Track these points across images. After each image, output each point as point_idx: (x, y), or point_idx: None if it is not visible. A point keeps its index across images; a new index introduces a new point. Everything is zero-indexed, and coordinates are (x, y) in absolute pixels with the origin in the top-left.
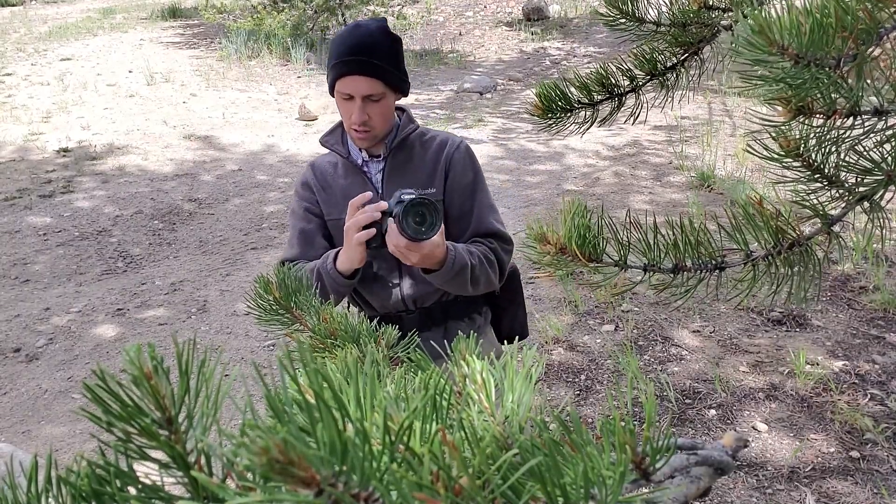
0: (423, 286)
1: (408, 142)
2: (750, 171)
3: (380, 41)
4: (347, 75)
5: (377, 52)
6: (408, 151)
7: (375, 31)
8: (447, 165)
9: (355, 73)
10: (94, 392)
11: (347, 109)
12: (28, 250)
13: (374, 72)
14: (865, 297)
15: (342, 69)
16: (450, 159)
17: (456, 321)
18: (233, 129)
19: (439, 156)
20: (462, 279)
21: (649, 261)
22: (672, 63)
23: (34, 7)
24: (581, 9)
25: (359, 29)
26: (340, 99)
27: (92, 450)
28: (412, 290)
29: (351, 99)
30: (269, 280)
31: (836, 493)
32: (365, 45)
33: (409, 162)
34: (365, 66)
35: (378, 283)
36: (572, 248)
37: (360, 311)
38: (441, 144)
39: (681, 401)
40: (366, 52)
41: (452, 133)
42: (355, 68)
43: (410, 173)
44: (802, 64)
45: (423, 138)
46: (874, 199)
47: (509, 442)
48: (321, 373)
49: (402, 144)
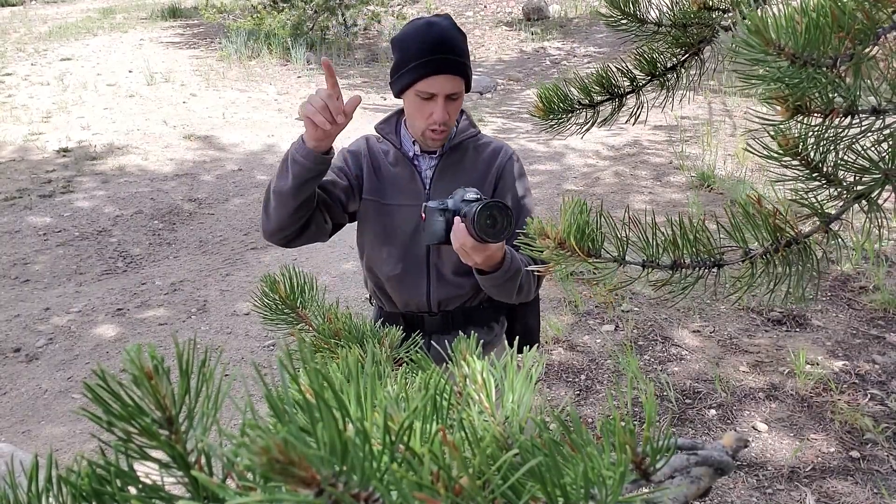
0: (450, 289)
1: (463, 144)
2: (750, 171)
3: (458, 38)
4: (433, 74)
5: (458, 49)
6: (462, 153)
7: (451, 28)
8: (498, 173)
9: (443, 72)
10: (94, 392)
11: (427, 109)
12: (28, 250)
13: (459, 70)
14: (865, 297)
15: (427, 68)
16: (502, 168)
17: (475, 327)
18: (233, 129)
19: (492, 163)
20: (512, 284)
21: (648, 257)
22: (672, 64)
23: (34, 7)
24: (581, 9)
25: (434, 27)
26: (418, 99)
27: (92, 450)
28: (439, 292)
29: (432, 98)
30: (275, 279)
31: (836, 493)
32: (447, 42)
33: (461, 163)
34: (451, 64)
35: (405, 281)
36: (571, 243)
37: (381, 308)
38: (494, 152)
39: (681, 401)
40: (450, 50)
41: (505, 142)
42: (443, 67)
43: (462, 175)
44: (799, 63)
45: (477, 142)
46: (871, 198)
47: (509, 442)
48: (322, 373)
49: (457, 146)
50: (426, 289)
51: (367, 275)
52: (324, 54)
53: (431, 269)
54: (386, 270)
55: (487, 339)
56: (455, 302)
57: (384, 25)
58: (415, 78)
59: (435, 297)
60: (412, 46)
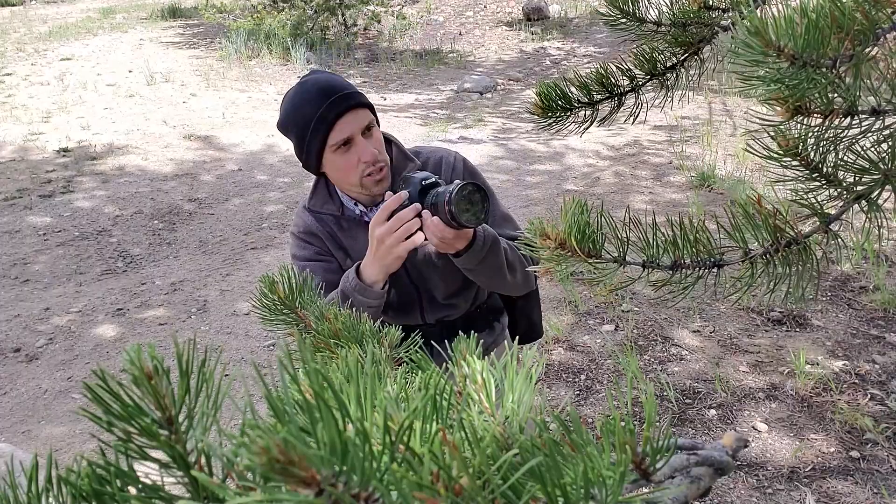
0: (445, 310)
1: (406, 178)
2: (750, 171)
3: (335, 77)
4: (336, 120)
5: (341, 84)
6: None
7: (323, 73)
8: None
9: (344, 113)
10: (94, 392)
11: (351, 157)
12: (28, 250)
13: (356, 101)
14: (865, 297)
15: (327, 119)
16: (451, 172)
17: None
18: (233, 129)
19: (439, 173)
20: (496, 258)
21: (648, 258)
22: (672, 63)
23: (34, 7)
24: (581, 9)
25: (307, 83)
26: (337, 155)
27: (92, 450)
28: (434, 314)
29: (348, 144)
30: (274, 279)
31: (836, 493)
32: (329, 85)
33: None
34: (346, 99)
35: (399, 311)
36: (571, 244)
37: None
38: (437, 165)
39: (681, 401)
40: (338, 90)
41: (444, 147)
42: (341, 107)
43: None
44: (798, 64)
45: (420, 168)
46: (871, 198)
47: (509, 442)
48: (321, 373)
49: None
50: (420, 313)
51: None
52: (324, 54)
53: (423, 296)
54: None
55: (489, 340)
56: (453, 316)
57: (384, 25)
58: (322, 137)
59: (430, 317)
60: (300, 114)
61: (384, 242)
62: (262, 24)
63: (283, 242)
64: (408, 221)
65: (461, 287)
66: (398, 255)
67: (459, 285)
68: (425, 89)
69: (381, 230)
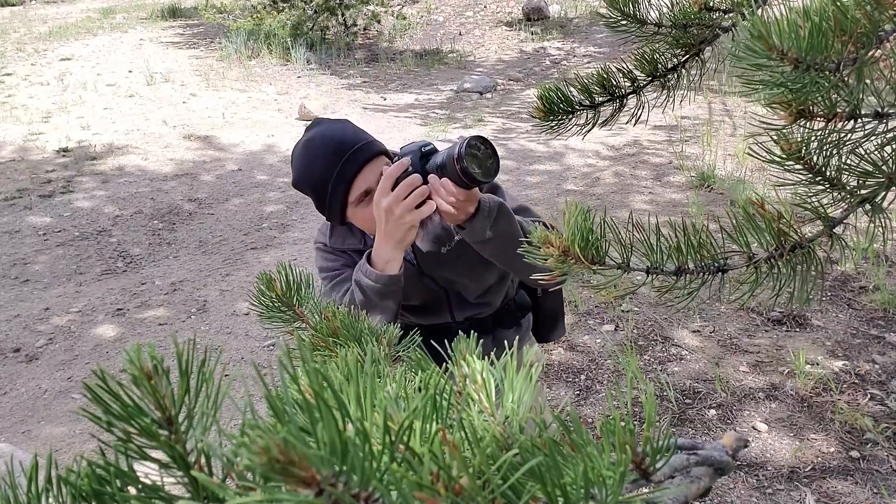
0: (475, 308)
1: None
2: (750, 171)
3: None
4: (355, 176)
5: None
6: None
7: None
8: None
9: (362, 167)
10: (94, 392)
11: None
12: (28, 250)
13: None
14: (865, 297)
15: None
16: None
17: (504, 330)
18: (233, 129)
19: None
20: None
21: (652, 263)
22: (673, 65)
23: (34, 7)
24: (581, 9)
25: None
26: (360, 207)
27: (92, 450)
28: (463, 312)
29: (369, 194)
30: (271, 277)
31: (836, 493)
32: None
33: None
34: (361, 152)
35: (427, 312)
36: (575, 251)
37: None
38: None
39: (681, 401)
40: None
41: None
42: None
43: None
44: (802, 68)
45: None
46: (876, 202)
47: (509, 442)
48: (321, 372)
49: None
50: (449, 311)
51: None
52: (324, 54)
53: (452, 296)
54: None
55: (517, 336)
56: (483, 314)
57: (384, 25)
58: (342, 196)
59: (460, 315)
60: (317, 170)
61: (393, 213)
62: (262, 25)
63: (284, 242)
64: (417, 188)
65: (493, 286)
66: (410, 225)
67: (490, 285)
68: (425, 89)
69: (388, 200)
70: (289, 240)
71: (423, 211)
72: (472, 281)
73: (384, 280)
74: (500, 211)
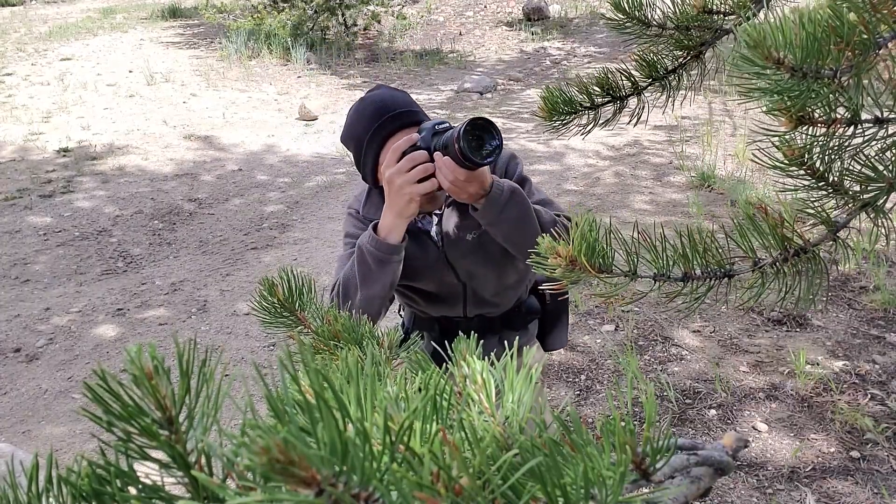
0: (487, 307)
1: None
2: (750, 171)
3: (397, 94)
4: (389, 137)
5: (401, 102)
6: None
7: (386, 90)
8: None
9: (398, 130)
10: (94, 392)
11: None
12: (28, 250)
13: (412, 119)
14: (865, 297)
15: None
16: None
17: (511, 332)
18: (233, 129)
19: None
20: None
21: (658, 270)
22: (673, 66)
23: (34, 7)
24: (581, 9)
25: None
26: None
27: (92, 450)
28: (476, 309)
29: None
30: (273, 282)
31: (836, 493)
32: (387, 103)
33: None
34: (400, 117)
35: (443, 303)
36: (582, 261)
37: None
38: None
39: (681, 401)
40: (393, 107)
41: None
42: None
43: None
44: (798, 76)
45: None
46: (878, 206)
47: (509, 442)
48: (322, 373)
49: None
50: (462, 306)
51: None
52: (324, 54)
53: (469, 292)
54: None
55: (523, 339)
56: (494, 313)
57: (384, 25)
58: (374, 156)
59: (471, 312)
60: (359, 128)
61: (394, 184)
62: (263, 24)
63: (284, 242)
64: (420, 163)
65: (510, 285)
66: (410, 198)
67: (509, 284)
68: (425, 89)
69: (391, 171)
70: (289, 240)
71: (423, 186)
72: (493, 275)
73: (384, 247)
74: (513, 196)
